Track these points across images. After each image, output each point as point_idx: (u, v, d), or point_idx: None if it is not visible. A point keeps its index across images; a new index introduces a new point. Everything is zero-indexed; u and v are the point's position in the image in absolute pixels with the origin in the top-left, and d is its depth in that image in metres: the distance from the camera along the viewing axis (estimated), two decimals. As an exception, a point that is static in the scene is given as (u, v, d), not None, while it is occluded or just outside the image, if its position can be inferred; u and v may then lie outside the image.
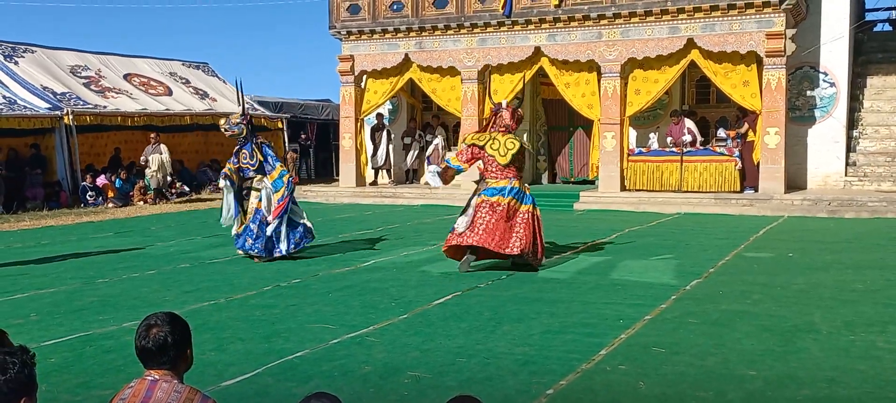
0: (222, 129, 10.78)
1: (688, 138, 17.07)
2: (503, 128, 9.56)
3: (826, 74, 17.30)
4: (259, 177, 10.52)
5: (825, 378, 5.26)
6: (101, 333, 6.64)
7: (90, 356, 5.99)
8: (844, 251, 10.71)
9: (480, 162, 9.57)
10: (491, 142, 9.48)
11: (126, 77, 22.18)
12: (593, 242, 11.65)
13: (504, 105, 9.80)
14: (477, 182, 10.00)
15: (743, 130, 16.70)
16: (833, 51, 17.15)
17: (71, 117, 18.51)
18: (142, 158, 19.64)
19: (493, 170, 9.44)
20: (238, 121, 10.62)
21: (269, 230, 10.27)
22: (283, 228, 10.35)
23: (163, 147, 19.66)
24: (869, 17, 21.62)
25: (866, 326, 6.57)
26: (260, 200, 10.45)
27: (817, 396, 4.94)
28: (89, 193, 18.71)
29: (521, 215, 9.36)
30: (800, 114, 17.44)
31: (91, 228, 14.60)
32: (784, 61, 15.87)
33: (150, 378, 2.83)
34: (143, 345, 2.86)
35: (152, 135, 19.78)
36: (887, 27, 22.17)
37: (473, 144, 9.62)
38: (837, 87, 17.25)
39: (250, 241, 10.34)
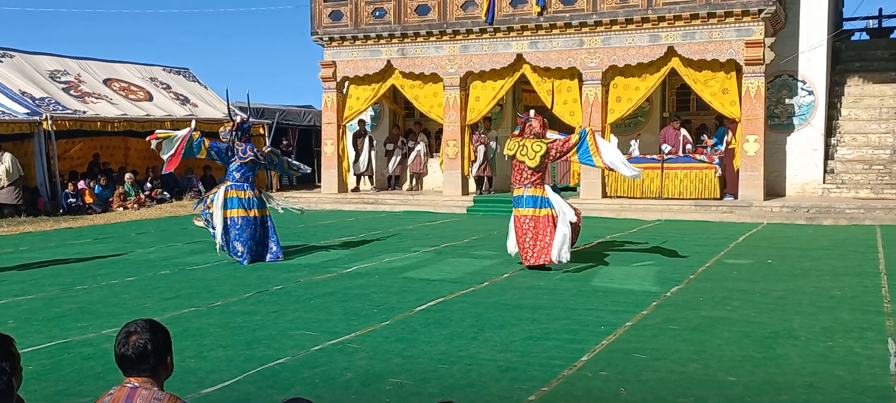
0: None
1: (688, 147, 17.15)
2: (533, 136, 10.04)
3: (804, 83, 17.48)
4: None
5: (804, 383, 5.31)
6: (80, 340, 6.58)
7: (69, 363, 5.93)
8: (823, 258, 10.81)
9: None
10: (520, 148, 9.96)
11: (106, 82, 22.01)
12: (575, 249, 11.67)
13: (532, 114, 10.30)
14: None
15: (727, 138, 16.86)
16: (811, 59, 17.35)
17: (50, 123, 18.33)
18: None
19: (522, 176, 9.96)
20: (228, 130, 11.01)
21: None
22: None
23: (6, 155, 17.25)
24: (847, 26, 21.90)
25: (844, 332, 6.64)
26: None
27: (796, 401, 4.98)
28: (70, 199, 18.54)
29: (542, 221, 9.79)
30: (779, 121, 17.61)
31: (70, 234, 14.47)
32: (763, 69, 16.02)
33: (129, 385, 2.81)
34: (122, 353, 2.84)
35: None
36: (865, 36, 22.47)
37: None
38: (816, 95, 17.43)
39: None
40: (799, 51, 17.36)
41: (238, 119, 11.49)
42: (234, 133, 10.94)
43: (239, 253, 10.65)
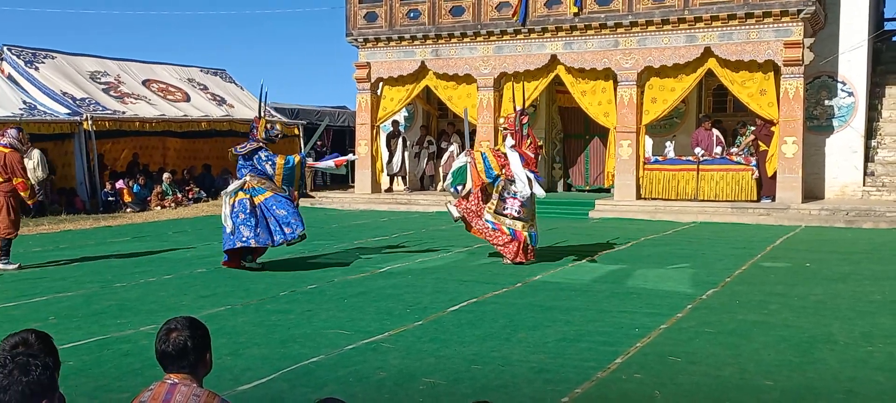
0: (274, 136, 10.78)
1: (718, 149, 16.98)
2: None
3: (844, 84, 17.20)
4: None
5: (843, 389, 5.23)
6: (119, 337, 6.69)
7: (108, 359, 6.03)
8: (862, 261, 10.63)
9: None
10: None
11: (145, 83, 22.35)
12: (609, 250, 11.62)
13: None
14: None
15: (748, 140, 16.69)
16: (851, 60, 17.06)
17: (90, 123, 18.66)
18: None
19: None
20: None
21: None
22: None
23: (34, 152, 15.90)
24: (888, 26, 21.48)
25: (885, 337, 6.52)
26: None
27: (835, 407, 4.91)
28: (110, 198, 18.86)
29: None
30: (817, 123, 17.35)
31: (109, 232, 14.71)
32: (802, 70, 15.80)
33: (169, 381, 2.86)
34: (163, 349, 2.89)
35: None
36: (907, 37, 22.00)
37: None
38: (856, 97, 17.15)
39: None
40: (839, 52, 17.08)
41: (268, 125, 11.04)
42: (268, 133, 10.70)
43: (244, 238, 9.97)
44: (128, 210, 18.70)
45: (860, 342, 6.39)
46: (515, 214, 10.41)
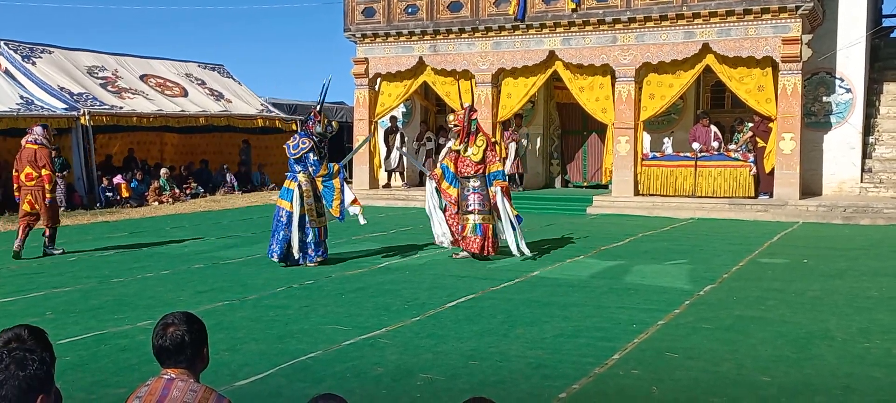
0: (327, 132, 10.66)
1: (716, 145, 16.98)
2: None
3: (842, 80, 17.20)
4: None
5: (840, 385, 5.24)
6: (116, 332, 6.68)
7: (105, 354, 6.03)
8: (860, 258, 10.64)
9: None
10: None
11: (142, 78, 22.32)
12: (606, 246, 11.62)
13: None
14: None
15: (747, 137, 16.69)
16: (849, 56, 17.06)
17: (87, 118, 18.62)
18: None
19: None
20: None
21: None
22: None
23: None
24: (886, 23, 21.48)
25: (882, 333, 6.53)
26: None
27: (832, 403, 4.92)
28: (107, 193, 18.83)
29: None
30: (815, 119, 17.35)
31: (106, 228, 14.69)
32: (800, 67, 15.78)
33: (166, 376, 2.85)
34: (160, 344, 2.88)
35: None
36: (904, 33, 22.00)
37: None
38: (854, 93, 17.15)
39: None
40: (837, 48, 17.08)
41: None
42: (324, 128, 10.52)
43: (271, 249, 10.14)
44: (125, 205, 18.67)
45: (857, 338, 6.40)
46: (478, 208, 10.41)
